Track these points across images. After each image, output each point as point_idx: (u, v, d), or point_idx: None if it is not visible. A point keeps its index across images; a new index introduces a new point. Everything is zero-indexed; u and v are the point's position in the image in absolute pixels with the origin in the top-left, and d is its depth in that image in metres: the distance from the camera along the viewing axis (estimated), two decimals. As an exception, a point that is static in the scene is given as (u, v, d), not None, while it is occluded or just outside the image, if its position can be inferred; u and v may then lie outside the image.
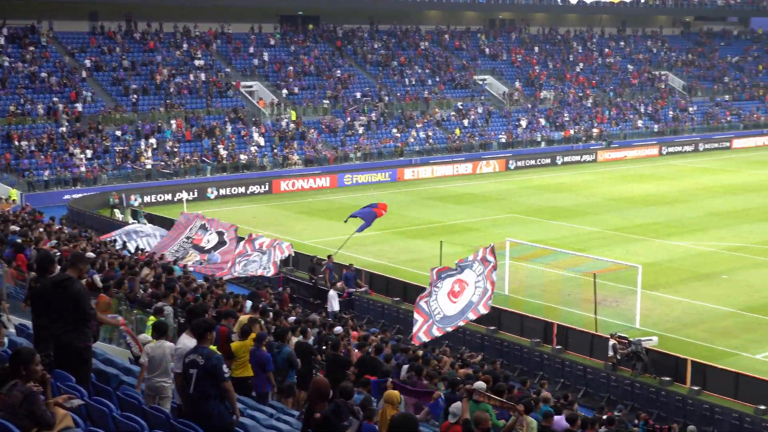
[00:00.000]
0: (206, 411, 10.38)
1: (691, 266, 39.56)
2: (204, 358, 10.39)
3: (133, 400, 11.29)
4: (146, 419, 10.54)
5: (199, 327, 10.81)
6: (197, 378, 10.37)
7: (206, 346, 10.63)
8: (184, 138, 63.09)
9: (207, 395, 10.37)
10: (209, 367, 10.34)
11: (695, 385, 25.95)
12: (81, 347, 10.82)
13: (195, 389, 10.40)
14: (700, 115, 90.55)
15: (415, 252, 42.19)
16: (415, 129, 73.41)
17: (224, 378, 10.42)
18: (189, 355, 10.52)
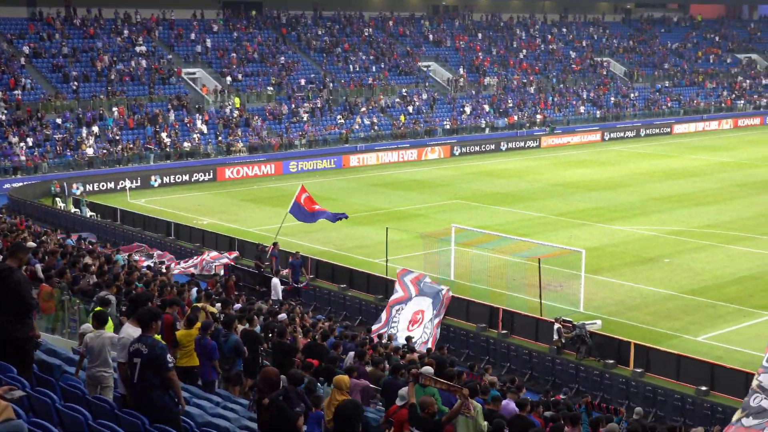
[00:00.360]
0: (151, 401, 10.26)
1: (633, 250, 40.04)
2: (148, 348, 10.27)
3: (76, 390, 11.13)
4: (90, 409, 10.40)
5: (143, 316, 10.67)
6: (141, 367, 10.25)
7: (151, 335, 10.51)
8: (127, 126, 62.32)
9: (151, 385, 10.26)
10: (153, 356, 10.22)
11: (638, 367, 26.29)
12: (22, 338, 10.63)
13: (139, 379, 10.28)
14: (641, 101, 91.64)
15: (361, 239, 42.17)
16: (359, 116, 73.33)
17: (168, 367, 10.31)
18: (133, 344, 10.39)
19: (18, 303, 10.55)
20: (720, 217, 46.90)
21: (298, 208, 34.61)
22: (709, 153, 71.98)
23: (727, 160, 67.97)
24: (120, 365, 10.79)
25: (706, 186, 56.28)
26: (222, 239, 39.95)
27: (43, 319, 18.39)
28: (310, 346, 17.62)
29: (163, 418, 10.24)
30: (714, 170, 62.80)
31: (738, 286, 34.57)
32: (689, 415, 23.14)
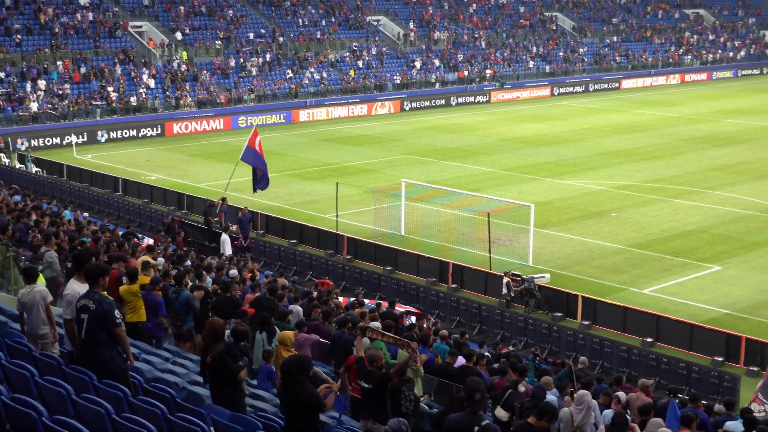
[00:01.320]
0: (98, 356, 10.19)
1: (581, 205, 40.39)
2: (95, 303, 10.17)
3: (22, 347, 11.02)
4: (36, 366, 10.31)
5: (90, 272, 10.54)
6: (88, 323, 10.16)
7: (98, 291, 10.40)
8: (72, 80, 61.24)
9: (98, 340, 10.18)
10: (100, 312, 10.13)
11: (586, 320, 26.68)
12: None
13: (86, 334, 10.19)
14: (590, 57, 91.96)
15: (311, 194, 42.05)
16: (309, 70, 72.76)
17: (116, 323, 10.22)
18: (80, 300, 10.28)
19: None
20: (667, 171, 47.42)
21: (251, 153, 33.93)
22: (657, 108, 72.61)
23: (674, 115, 68.61)
24: (66, 321, 10.67)
25: (653, 141, 56.80)
26: (170, 195, 39.62)
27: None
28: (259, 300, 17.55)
29: (111, 373, 10.17)
30: (661, 125, 63.38)
31: (684, 239, 35.06)
32: (635, 366, 23.52)
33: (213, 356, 10.66)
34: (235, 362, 10.68)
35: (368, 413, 11.66)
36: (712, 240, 35.02)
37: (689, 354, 24.40)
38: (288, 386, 9.60)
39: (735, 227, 36.76)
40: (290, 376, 9.59)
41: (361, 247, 32.83)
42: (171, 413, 9.72)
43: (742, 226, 36.98)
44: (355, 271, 30.34)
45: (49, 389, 9.40)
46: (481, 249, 32.32)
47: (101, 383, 10.00)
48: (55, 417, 8.40)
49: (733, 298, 28.80)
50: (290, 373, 9.58)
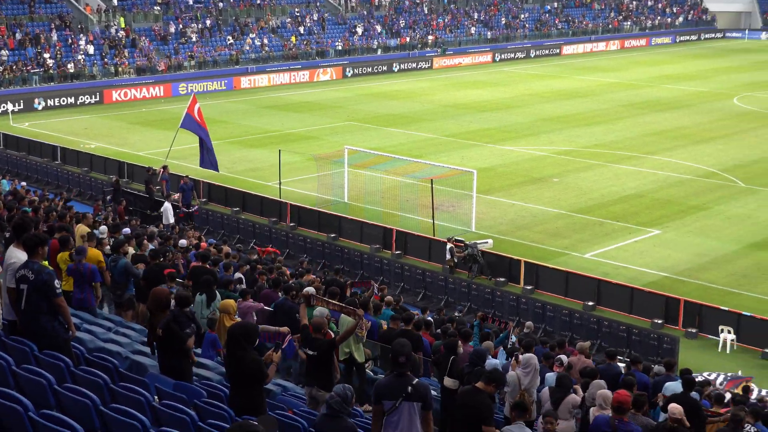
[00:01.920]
0: (39, 327, 10.05)
1: (523, 170, 40.65)
2: (35, 273, 10.00)
3: (-40, 318, 10.83)
4: (-24, 339, 10.14)
5: (29, 241, 10.36)
6: (28, 293, 10.00)
7: (37, 261, 10.23)
8: (7, 46, 59.91)
9: (39, 310, 10.03)
10: (40, 282, 9.97)
11: (528, 284, 26.94)
12: None
13: (26, 305, 10.04)
14: (531, 23, 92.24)
15: (254, 161, 41.77)
16: (250, 36, 72.03)
17: (56, 293, 10.08)
18: (20, 270, 10.10)
19: None
20: (607, 136, 47.89)
21: (190, 120, 33.55)
22: (597, 74, 73.14)
23: (613, 80, 69.21)
24: (9, 290, 10.49)
25: (593, 107, 57.28)
26: (110, 163, 39.10)
27: None
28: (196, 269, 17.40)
29: (52, 344, 10.04)
30: (601, 91, 63.91)
31: (624, 204, 35.49)
32: (576, 329, 23.83)
33: (161, 326, 10.57)
34: (182, 330, 10.61)
35: (313, 380, 11.68)
36: (651, 204, 35.50)
37: (629, 317, 24.79)
38: (234, 353, 9.57)
39: (674, 192, 37.30)
40: (236, 344, 9.55)
41: (305, 214, 32.75)
42: (114, 383, 9.64)
43: (680, 190, 37.54)
44: (298, 239, 30.28)
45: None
46: (424, 215, 32.42)
47: (42, 354, 9.87)
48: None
49: (671, 261, 29.27)
50: (236, 341, 9.55)
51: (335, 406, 8.62)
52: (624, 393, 10.87)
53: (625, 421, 10.61)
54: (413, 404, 8.96)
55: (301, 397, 12.24)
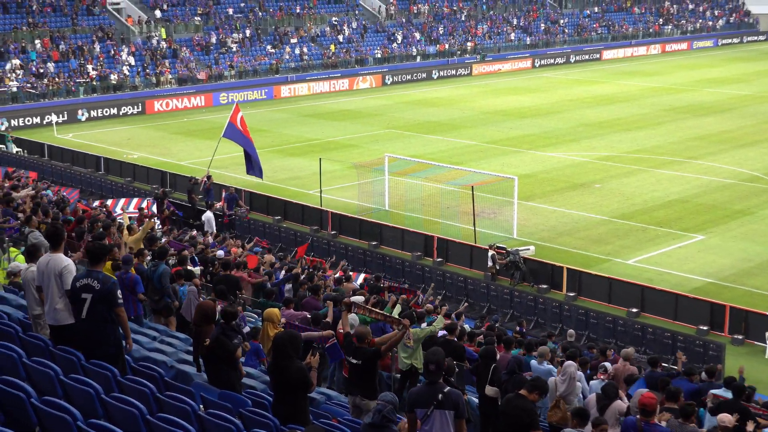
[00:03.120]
0: (102, 336, 10.07)
1: (565, 176, 40.43)
2: (100, 283, 10.01)
3: (8, 329, 10.94)
4: (24, 347, 10.24)
5: (97, 250, 10.40)
6: (92, 303, 10.00)
7: (101, 271, 10.27)
8: (51, 58, 60.71)
9: (102, 320, 10.04)
10: (106, 291, 9.98)
11: (571, 291, 26.76)
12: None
13: (89, 313, 10.04)
14: (570, 28, 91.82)
15: (295, 170, 41.92)
16: (289, 45, 72.37)
17: (118, 303, 10.13)
18: (81, 279, 10.12)
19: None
20: (649, 141, 47.50)
21: (233, 129, 33.70)
22: (638, 78, 72.62)
23: (655, 85, 68.66)
24: (38, 288, 10.55)
25: (634, 111, 56.85)
26: (153, 173, 39.43)
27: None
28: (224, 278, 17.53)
29: (108, 354, 10.09)
30: (642, 95, 63.43)
31: (667, 209, 35.17)
32: (620, 337, 23.62)
33: (211, 339, 10.62)
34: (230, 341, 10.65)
35: (357, 389, 11.66)
36: (695, 209, 35.15)
37: (674, 324, 24.53)
38: (279, 362, 9.59)
39: (717, 196, 36.90)
40: (282, 352, 9.58)
41: (346, 222, 32.81)
42: (160, 392, 9.69)
43: (724, 195, 37.13)
44: (340, 247, 30.32)
45: (37, 370, 9.34)
46: (465, 222, 32.34)
47: (89, 363, 9.95)
48: (45, 398, 8.36)
49: (716, 267, 28.95)
50: (282, 349, 9.57)
51: (387, 414, 8.59)
52: (649, 395, 10.75)
53: (651, 423, 10.48)
54: (445, 412, 8.92)
55: (345, 406, 12.24)
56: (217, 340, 10.56)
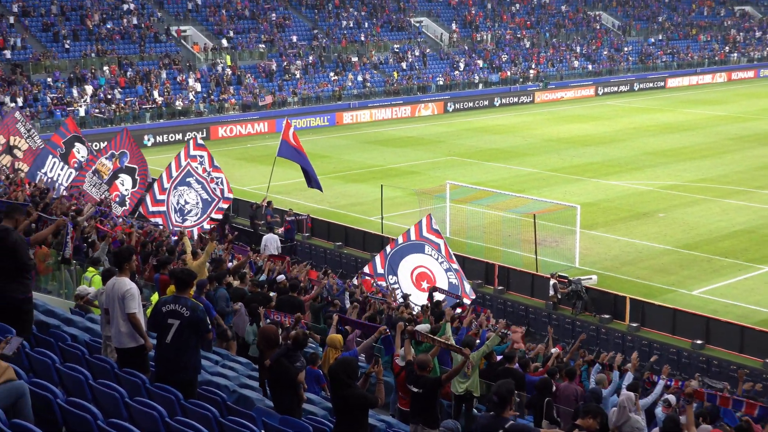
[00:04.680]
0: (184, 362, 10.19)
1: (628, 205, 40.04)
2: (189, 310, 10.12)
3: (75, 350, 11.12)
4: (90, 369, 10.39)
5: (184, 276, 10.52)
6: (179, 329, 10.11)
7: (189, 298, 10.40)
8: (119, 85, 61.87)
9: (187, 346, 10.16)
10: (195, 319, 10.09)
11: (634, 321, 26.43)
12: (21, 299, 10.57)
13: (174, 340, 10.16)
14: (634, 55, 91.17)
15: (356, 196, 42.10)
16: (352, 72, 72.90)
17: (208, 329, 10.26)
18: (168, 305, 10.24)
19: (15, 264, 10.49)
20: (714, 171, 46.87)
21: (286, 147, 33.88)
22: (703, 107, 71.80)
23: (720, 113, 67.81)
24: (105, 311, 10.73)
25: (700, 140, 56.17)
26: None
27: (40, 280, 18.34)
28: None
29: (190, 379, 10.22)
30: (708, 124, 62.67)
31: (733, 240, 34.63)
32: (685, 369, 23.26)
33: (272, 359, 10.67)
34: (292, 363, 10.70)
35: (418, 418, 11.60)
36: (761, 240, 34.54)
37: (740, 356, 24.10)
38: (337, 392, 9.61)
39: (785, 227, 36.27)
40: (339, 382, 9.59)
41: (407, 249, 32.77)
42: (222, 416, 9.76)
43: (792, 225, 36.49)
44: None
45: (103, 392, 9.48)
46: (527, 250, 32.17)
47: (153, 386, 10.07)
48: (110, 420, 8.47)
49: (784, 299, 28.40)
50: (338, 379, 9.59)
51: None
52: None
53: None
54: None
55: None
56: (279, 362, 10.60)
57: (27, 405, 8.41)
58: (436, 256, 26.23)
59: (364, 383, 10.34)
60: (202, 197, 30.41)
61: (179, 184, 30.31)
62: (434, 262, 26.23)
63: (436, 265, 26.23)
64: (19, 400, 8.37)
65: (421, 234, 26.52)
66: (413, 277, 26.27)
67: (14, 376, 8.56)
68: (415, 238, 26.38)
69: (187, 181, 30.35)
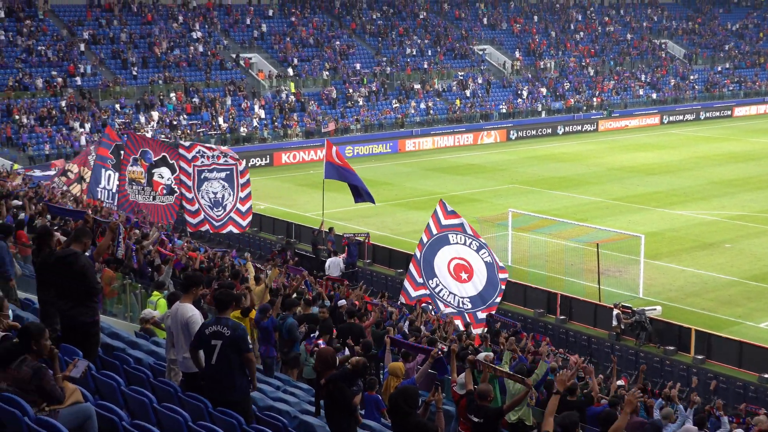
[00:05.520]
0: (231, 382, 10.30)
1: (693, 235, 39.50)
2: (230, 330, 10.25)
3: (140, 373, 11.25)
4: (154, 392, 10.51)
5: (225, 298, 10.67)
6: (222, 349, 10.24)
7: (229, 318, 10.53)
8: (185, 111, 62.85)
9: (231, 366, 10.28)
10: (236, 338, 10.21)
11: (699, 354, 25.99)
12: (88, 322, 10.75)
13: (218, 361, 10.29)
14: (701, 84, 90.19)
15: (418, 223, 41.96)
16: (415, 100, 73.15)
17: (248, 349, 10.36)
18: (210, 326, 10.39)
19: (83, 287, 10.68)
20: (783, 201, 46.10)
21: (331, 167, 33.97)
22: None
23: (789, 143, 66.73)
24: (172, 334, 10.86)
25: (766, 170, 55.24)
26: (279, 224, 40.16)
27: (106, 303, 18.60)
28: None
29: (238, 399, 10.29)
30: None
31: (802, 271, 33.98)
32: (752, 402, 22.76)
33: (328, 379, 10.70)
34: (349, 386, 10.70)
35: (479, 447, 11.53)
36: (832, 272, 33.86)
37: (809, 391, 23.55)
38: (397, 419, 9.59)
39: None
40: (398, 410, 9.57)
41: (468, 276, 32.65)
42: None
43: None
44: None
45: (167, 416, 9.57)
46: (590, 280, 31.86)
47: (216, 411, 10.14)
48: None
49: None
50: (398, 407, 9.57)
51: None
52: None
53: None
54: None
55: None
56: (336, 384, 10.61)
57: (93, 427, 8.54)
58: (462, 240, 26.05)
59: (425, 412, 10.31)
60: (222, 180, 31.53)
61: (199, 186, 31.30)
62: (464, 249, 25.98)
63: (467, 251, 25.98)
64: (86, 422, 8.50)
65: (440, 224, 26.39)
66: (451, 271, 26.02)
67: (81, 399, 8.70)
68: (437, 231, 26.24)
69: (203, 178, 31.33)
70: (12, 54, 61.90)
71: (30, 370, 8.36)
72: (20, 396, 8.20)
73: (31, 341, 8.54)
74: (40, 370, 8.39)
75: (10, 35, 63.32)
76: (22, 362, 8.42)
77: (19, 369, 8.37)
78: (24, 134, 55.37)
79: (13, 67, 60.49)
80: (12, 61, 61.06)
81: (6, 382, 8.38)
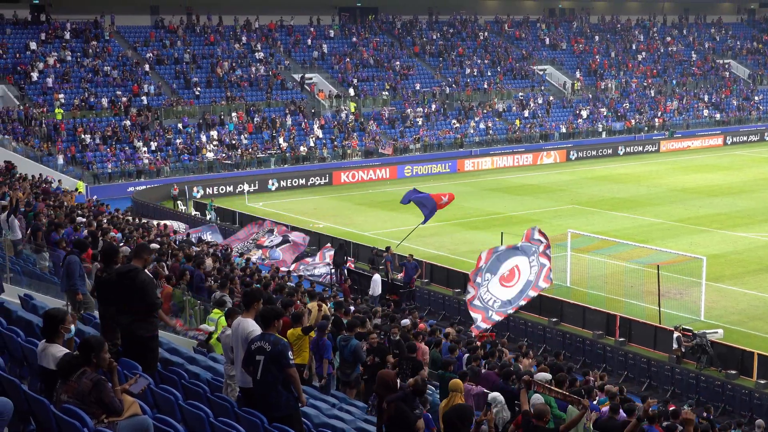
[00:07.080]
0: (274, 398, 10.38)
1: (757, 258, 38.85)
2: (271, 345, 10.36)
3: (197, 388, 11.39)
4: (211, 407, 10.63)
5: (268, 314, 10.77)
6: (265, 364, 10.34)
7: (273, 333, 10.63)
8: (246, 130, 63.54)
9: (275, 381, 10.36)
10: (276, 353, 10.31)
11: (762, 378, 25.50)
12: (147, 337, 10.93)
13: (263, 375, 10.39)
14: (765, 104, 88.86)
15: (476, 243, 41.89)
16: (474, 120, 73.10)
17: (289, 364, 10.42)
18: (255, 342, 10.50)
19: (144, 302, 10.86)
20: None
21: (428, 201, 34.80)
22: (838, 158, 69.37)
23: None
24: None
25: (834, 192, 54.28)
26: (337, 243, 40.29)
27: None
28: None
29: (286, 414, 10.36)
30: (843, 176, 60.50)
31: None
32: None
33: (389, 400, 10.71)
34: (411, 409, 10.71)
35: (534, 468, 11.45)
36: None
37: None
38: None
39: None
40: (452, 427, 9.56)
41: (526, 297, 32.46)
42: (338, 459, 9.85)
43: None
44: (519, 323, 30.05)
45: (223, 431, 9.68)
46: (650, 302, 31.47)
47: (272, 426, 10.22)
48: (229, 458, 8.65)
49: None
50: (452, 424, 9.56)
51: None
52: None
53: None
54: None
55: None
56: (398, 408, 10.62)
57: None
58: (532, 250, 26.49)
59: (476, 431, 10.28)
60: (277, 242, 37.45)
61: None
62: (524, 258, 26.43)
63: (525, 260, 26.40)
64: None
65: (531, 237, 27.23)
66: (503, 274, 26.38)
67: (139, 411, 8.84)
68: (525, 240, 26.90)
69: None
70: (78, 74, 63.16)
71: (90, 382, 8.53)
72: (80, 408, 8.36)
73: (91, 354, 8.71)
74: (100, 383, 8.55)
75: (77, 56, 64.63)
76: (82, 374, 8.59)
77: (79, 381, 8.55)
78: (89, 153, 56.41)
79: (80, 87, 61.70)
80: (78, 82, 62.30)
81: (67, 394, 8.56)
